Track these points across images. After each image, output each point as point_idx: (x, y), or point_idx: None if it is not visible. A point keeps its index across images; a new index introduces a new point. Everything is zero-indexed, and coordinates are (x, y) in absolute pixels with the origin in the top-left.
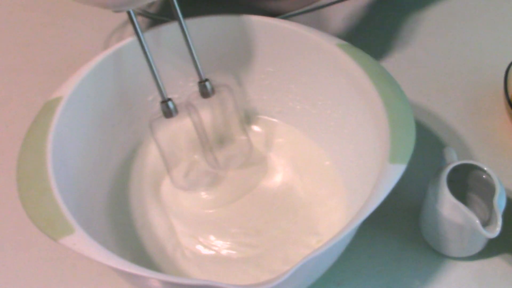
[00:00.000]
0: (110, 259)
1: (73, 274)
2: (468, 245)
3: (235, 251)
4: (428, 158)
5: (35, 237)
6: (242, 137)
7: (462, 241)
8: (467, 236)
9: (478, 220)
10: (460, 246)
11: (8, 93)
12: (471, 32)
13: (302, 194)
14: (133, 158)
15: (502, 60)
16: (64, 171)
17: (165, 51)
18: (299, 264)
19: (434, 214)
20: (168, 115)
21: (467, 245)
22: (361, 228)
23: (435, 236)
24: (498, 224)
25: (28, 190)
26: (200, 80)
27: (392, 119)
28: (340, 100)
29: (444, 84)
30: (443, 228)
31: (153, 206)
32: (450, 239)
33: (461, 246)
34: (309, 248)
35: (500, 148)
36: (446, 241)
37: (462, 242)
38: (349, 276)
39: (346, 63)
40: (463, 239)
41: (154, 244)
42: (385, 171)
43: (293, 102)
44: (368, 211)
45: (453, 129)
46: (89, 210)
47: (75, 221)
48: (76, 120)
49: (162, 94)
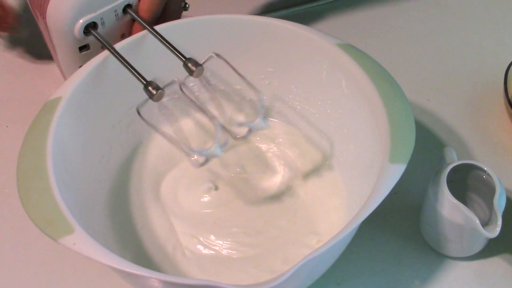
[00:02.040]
0: (110, 259)
1: (73, 274)
2: (468, 245)
3: (235, 251)
4: (428, 158)
5: (35, 237)
6: (251, 94)
7: (462, 241)
8: (467, 236)
9: (478, 220)
10: (460, 246)
11: (8, 93)
12: (471, 32)
13: (302, 194)
14: (133, 158)
15: (502, 60)
16: (64, 171)
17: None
18: (299, 264)
19: (434, 214)
20: (157, 98)
21: (467, 245)
22: (361, 228)
23: (435, 236)
24: (498, 224)
25: (28, 190)
26: (184, 62)
27: (392, 119)
28: (340, 100)
29: (444, 84)
30: (443, 228)
31: (153, 206)
32: (450, 239)
33: (461, 246)
34: (309, 248)
35: (500, 148)
36: (446, 241)
37: (462, 242)
38: (349, 276)
39: (346, 63)
40: (462, 239)
41: (154, 244)
42: (385, 171)
43: (293, 102)
44: (368, 211)
45: (453, 129)
46: (89, 210)
47: (75, 221)
48: (76, 120)
49: (140, 79)
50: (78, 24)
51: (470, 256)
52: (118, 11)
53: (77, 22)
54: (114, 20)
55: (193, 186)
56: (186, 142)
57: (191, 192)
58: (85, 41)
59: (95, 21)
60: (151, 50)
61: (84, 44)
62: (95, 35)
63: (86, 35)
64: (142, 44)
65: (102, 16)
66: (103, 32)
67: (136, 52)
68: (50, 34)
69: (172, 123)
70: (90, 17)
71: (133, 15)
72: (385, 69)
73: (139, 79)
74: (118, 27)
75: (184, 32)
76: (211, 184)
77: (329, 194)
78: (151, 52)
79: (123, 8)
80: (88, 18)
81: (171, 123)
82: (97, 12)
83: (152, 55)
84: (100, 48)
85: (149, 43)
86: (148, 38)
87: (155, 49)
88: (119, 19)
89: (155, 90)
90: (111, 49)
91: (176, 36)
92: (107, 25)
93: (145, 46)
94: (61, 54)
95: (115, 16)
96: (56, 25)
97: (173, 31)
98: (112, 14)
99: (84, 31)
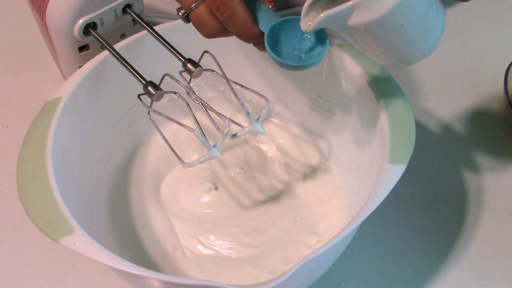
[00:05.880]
0: (110, 259)
1: (73, 274)
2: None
3: (235, 251)
4: (428, 158)
5: (35, 237)
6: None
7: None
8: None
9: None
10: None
11: (8, 93)
12: (471, 32)
13: (302, 194)
14: (133, 158)
15: (502, 60)
16: (64, 171)
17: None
18: (299, 264)
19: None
20: (156, 98)
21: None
22: (361, 228)
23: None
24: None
25: (28, 190)
26: (182, 63)
27: (392, 119)
28: (340, 100)
29: (444, 84)
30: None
31: (153, 206)
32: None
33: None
34: (309, 248)
35: (500, 148)
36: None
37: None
38: (349, 276)
39: (346, 63)
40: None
41: (154, 244)
42: (385, 171)
43: (293, 102)
44: (368, 211)
45: (453, 129)
46: (89, 210)
47: (75, 221)
48: (76, 120)
49: (139, 79)
50: (77, 24)
51: (470, 255)
52: (118, 11)
53: (77, 22)
54: (114, 20)
55: (193, 186)
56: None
57: (191, 192)
58: (85, 41)
59: (95, 21)
60: (151, 50)
61: (83, 44)
62: (95, 35)
63: (86, 35)
64: (142, 44)
65: (101, 16)
66: (102, 32)
67: (136, 52)
68: (50, 34)
69: (171, 123)
70: (90, 17)
71: (133, 15)
72: (385, 69)
73: (138, 79)
74: (117, 27)
75: (184, 32)
76: (211, 184)
77: (329, 194)
78: (151, 52)
79: (123, 8)
80: (88, 18)
81: (171, 123)
82: (97, 12)
83: (151, 55)
84: (99, 48)
85: (149, 43)
86: (148, 38)
87: (154, 49)
88: (119, 19)
89: (154, 90)
90: (110, 49)
91: (175, 37)
92: (107, 25)
93: (145, 46)
94: (61, 54)
95: (115, 16)
96: (56, 25)
97: (172, 31)
98: (112, 14)
99: (84, 31)
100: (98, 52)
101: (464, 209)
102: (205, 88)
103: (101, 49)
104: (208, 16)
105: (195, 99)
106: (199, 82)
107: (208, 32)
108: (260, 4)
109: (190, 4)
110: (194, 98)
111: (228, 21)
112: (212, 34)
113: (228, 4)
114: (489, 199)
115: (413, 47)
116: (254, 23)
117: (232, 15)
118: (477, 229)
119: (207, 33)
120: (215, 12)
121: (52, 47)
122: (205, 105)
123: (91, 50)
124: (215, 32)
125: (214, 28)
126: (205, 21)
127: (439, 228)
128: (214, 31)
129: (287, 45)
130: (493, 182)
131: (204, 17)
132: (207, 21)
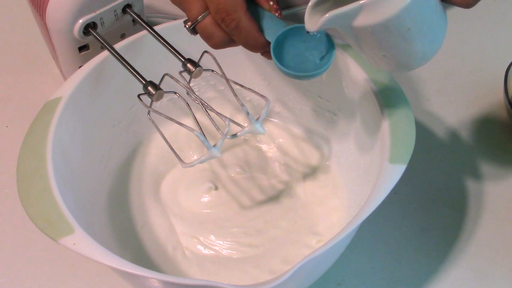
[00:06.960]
0: (110, 259)
1: (73, 274)
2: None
3: (235, 251)
4: (428, 158)
5: (35, 237)
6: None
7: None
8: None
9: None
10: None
11: (8, 93)
12: (471, 32)
13: (302, 194)
14: (133, 158)
15: (502, 60)
16: (64, 171)
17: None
18: (299, 264)
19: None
20: (156, 97)
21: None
22: (361, 228)
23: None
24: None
25: (28, 190)
26: (182, 63)
27: (392, 119)
28: (340, 100)
29: (444, 84)
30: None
31: (153, 206)
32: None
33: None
34: (309, 248)
35: (500, 148)
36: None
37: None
38: (349, 276)
39: (346, 63)
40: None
41: (154, 244)
42: (385, 171)
43: (293, 103)
44: (368, 211)
45: (453, 129)
46: (89, 210)
47: (75, 221)
48: (76, 120)
49: (139, 79)
50: (77, 24)
51: (470, 255)
52: (118, 11)
53: (77, 22)
54: (114, 20)
55: (193, 186)
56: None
57: (191, 192)
58: (85, 41)
59: (95, 21)
60: (151, 50)
61: (83, 44)
62: (95, 35)
63: (86, 35)
64: (142, 44)
65: (101, 16)
66: (102, 32)
67: (136, 52)
68: (50, 34)
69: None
70: (90, 17)
71: (133, 15)
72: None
73: (138, 79)
74: (117, 27)
75: (184, 32)
76: (211, 184)
77: (329, 194)
78: (151, 52)
79: (123, 8)
80: (88, 18)
81: (171, 123)
82: (97, 12)
83: (151, 55)
84: (99, 48)
85: (149, 43)
86: (148, 38)
87: (154, 49)
88: (119, 19)
89: (154, 90)
90: (110, 49)
91: (175, 37)
92: (107, 25)
93: (145, 46)
94: (61, 54)
95: (115, 16)
96: (56, 25)
97: (172, 31)
98: (112, 14)
99: (84, 31)
100: (98, 52)
101: (464, 209)
102: (205, 88)
103: (101, 49)
104: (214, 28)
105: (195, 99)
106: (199, 82)
107: (215, 43)
108: (265, 13)
109: (196, 17)
110: (194, 98)
111: (234, 32)
112: (219, 45)
113: (233, 15)
114: (489, 199)
115: (416, 52)
116: (259, 33)
117: (237, 26)
118: (477, 229)
119: (214, 44)
120: (220, 23)
121: (52, 47)
122: (205, 105)
123: (91, 50)
124: (222, 43)
125: (220, 39)
126: (212, 33)
127: (439, 228)
128: (221, 42)
129: (293, 53)
130: (493, 182)
131: (211, 29)
132: (213, 33)
